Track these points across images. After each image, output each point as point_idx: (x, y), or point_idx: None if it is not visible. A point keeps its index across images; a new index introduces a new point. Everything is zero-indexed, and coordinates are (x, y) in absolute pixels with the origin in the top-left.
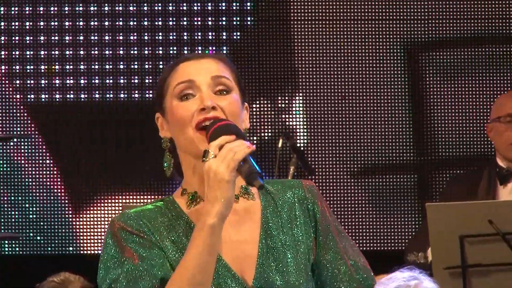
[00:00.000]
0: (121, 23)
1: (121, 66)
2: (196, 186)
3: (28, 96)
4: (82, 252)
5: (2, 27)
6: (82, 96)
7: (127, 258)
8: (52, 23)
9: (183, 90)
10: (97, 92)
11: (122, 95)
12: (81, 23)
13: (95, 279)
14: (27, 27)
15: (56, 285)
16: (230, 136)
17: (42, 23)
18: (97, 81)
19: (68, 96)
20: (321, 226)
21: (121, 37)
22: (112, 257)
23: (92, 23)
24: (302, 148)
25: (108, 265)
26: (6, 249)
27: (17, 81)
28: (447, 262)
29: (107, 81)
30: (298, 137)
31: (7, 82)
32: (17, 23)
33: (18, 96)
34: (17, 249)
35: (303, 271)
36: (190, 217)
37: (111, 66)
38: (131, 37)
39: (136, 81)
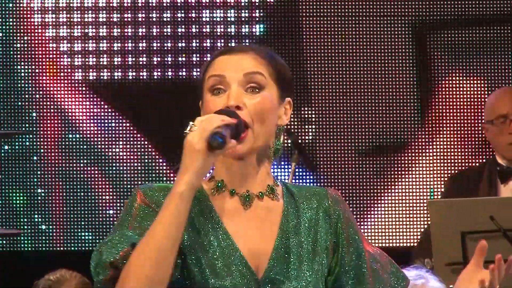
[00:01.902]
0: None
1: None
2: (224, 176)
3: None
4: (84, 248)
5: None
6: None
7: (127, 227)
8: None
9: (214, 84)
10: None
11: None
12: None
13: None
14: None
15: (51, 283)
16: (219, 115)
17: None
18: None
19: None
20: (342, 236)
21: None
22: (118, 223)
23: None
24: (302, 144)
25: (116, 228)
26: (7, 245)
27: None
28: (448, 259)
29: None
30: (308, 119)
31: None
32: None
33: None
34: (18, 245)
35: (318, 275)
36: (212, 202)
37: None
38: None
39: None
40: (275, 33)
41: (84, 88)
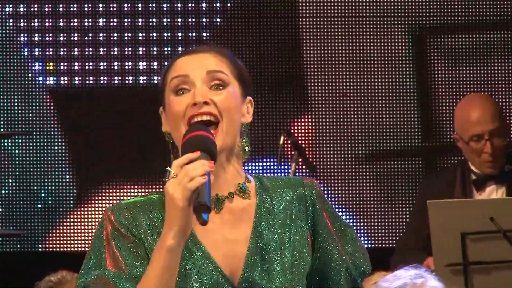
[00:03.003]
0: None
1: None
2: None
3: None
4: (85, 249)
5: None
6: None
7: (109, 261)
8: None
9: (178, 84)
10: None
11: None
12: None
13: None
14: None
15: (52, 285)
16: (194, 154)
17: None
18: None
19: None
20: (319, 226)
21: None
22: (95, 253)
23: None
24: (303, 144)
25: (90, 260)
26: (7, 245)
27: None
28: (448, 260)
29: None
30: (306, 124)
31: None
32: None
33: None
34: (19, 246)
35: (295, 271)
36: None
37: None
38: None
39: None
40: (271, 36)
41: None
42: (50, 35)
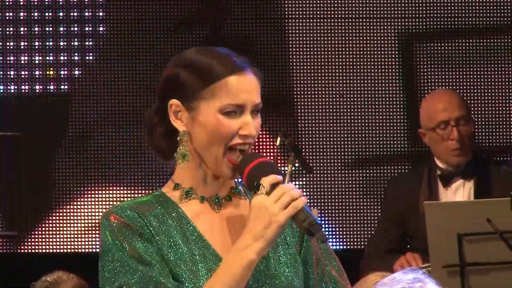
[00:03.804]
0: None
1: None
2: (195, 185)
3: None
4: (79, 250)
5: None
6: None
7: (134, 261)
8: None
9: (230, 109)
10: None
11: None
12: None
13: (90, 277)
14: None
15: (48, 285)
16: (279, 177)
17: None
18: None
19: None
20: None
21: None
22: (118, 259)
23: None
24: (299, 146)
25: (114, 267)
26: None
27: None
28: (445, 261)
29: None
30: (292, 129)
31: None
32: None
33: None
34: (14, 247)
35: (293, 269)
36: (184, 210)
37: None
38: None
39: None
40: (259, 38)
41: None
42: None
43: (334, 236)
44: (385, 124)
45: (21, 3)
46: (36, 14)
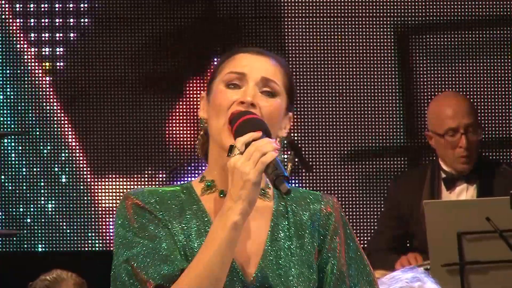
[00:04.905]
0: None
1: None
2: (216, 175)
3: None
4: (76, 249)
5: None
6: None
7: (141, 237)
8: None
9: (232, 79)
10: None
11: None
12: None
13: (88, 275)
14: None
15: (49, 283)
16: (256, 133)
17: None
18: None
19: None
20: (329, 242)
21: None
22: (124, 236)
23: None
24: (299, 144)
25: (123, 242)
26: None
27: None
28: (445, 259)
29: None
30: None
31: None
32: None
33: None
34: (12, 246)
35: (306, 279)
36: (204, 203)
37: None
38: None
39: None
40: (256, 35)
41: None
42: None
43: None
44: (382, 118)
45: None
46: None
